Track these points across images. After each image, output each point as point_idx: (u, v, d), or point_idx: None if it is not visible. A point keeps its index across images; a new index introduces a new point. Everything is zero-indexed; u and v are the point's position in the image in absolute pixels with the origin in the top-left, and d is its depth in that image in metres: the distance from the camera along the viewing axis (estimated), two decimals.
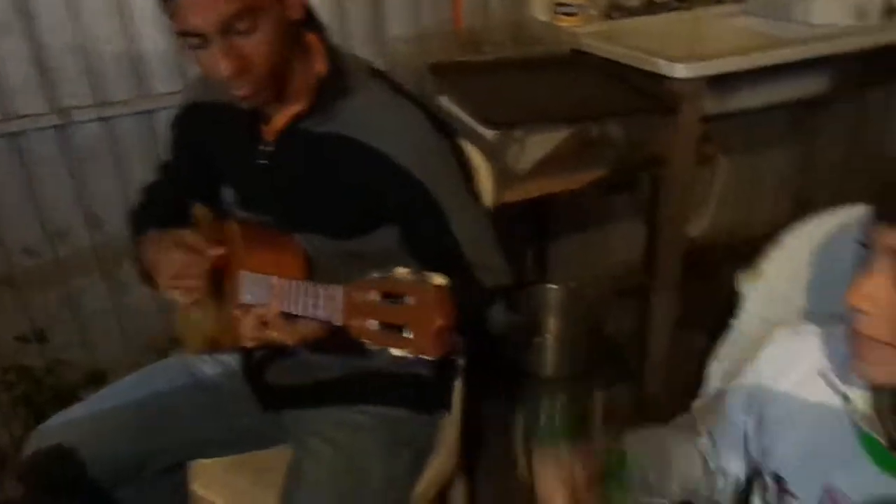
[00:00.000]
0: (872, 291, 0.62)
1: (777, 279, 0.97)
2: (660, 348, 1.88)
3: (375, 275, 0.75)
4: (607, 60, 1.76)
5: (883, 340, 0.63)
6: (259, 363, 1.23)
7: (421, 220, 1.05)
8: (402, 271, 0.73)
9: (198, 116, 1.17)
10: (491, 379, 1.95)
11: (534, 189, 1.58)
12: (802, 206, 1.97)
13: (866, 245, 0.65)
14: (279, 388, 1.22)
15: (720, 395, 0.91)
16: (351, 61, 1.07)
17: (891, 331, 0.62)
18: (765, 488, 0.82)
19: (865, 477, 0.70)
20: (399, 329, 0.73)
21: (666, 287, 1.79)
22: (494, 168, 1.55)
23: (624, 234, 2.36)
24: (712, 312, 1.17)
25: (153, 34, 1.67)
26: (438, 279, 0.72)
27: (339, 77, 1.03)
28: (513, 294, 1.10)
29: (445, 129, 1.10)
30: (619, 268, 2.32)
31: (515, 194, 1.56)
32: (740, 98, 1.72)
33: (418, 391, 1.22)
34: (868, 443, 0.70)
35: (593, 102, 1.59)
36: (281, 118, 1.06)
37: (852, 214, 0.91)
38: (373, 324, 0.75)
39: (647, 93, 1.60)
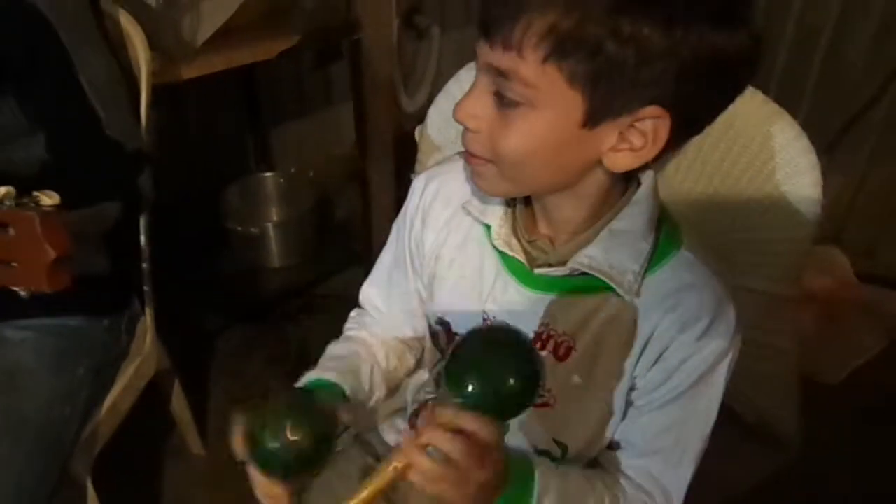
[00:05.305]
0: (472, 108, 0.60)
1: (441, 124, 0.95)
2: (382, 228, 1.86)
3: None
4: None
5: (485, 157, 0.62)
6: None
7: (45, 66, 0.89)
8: (1, 191, 0.61)
9: None
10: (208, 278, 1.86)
11: (220, 62, 1.43)
12: None
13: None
14: None
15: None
16: None
17: (490, 148, 0.61)
18: (436, 336, 0.81)
19: (513, 297, 0.71)
20: (7, 263, 0.62)
21: (379, 164, 1.75)
22: (167, 41, 1.38)
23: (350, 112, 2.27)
24: None
25: None
26: (46, 199, 0.61)
27: None
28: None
29: None
30: (346, 148, 2.25)
31: (198, 68, 1.40)
32: None
33: (89, 294, 1.07)
34: (511, 265, 0.71)
35: None
36: None
37: None
38: None
39: None
